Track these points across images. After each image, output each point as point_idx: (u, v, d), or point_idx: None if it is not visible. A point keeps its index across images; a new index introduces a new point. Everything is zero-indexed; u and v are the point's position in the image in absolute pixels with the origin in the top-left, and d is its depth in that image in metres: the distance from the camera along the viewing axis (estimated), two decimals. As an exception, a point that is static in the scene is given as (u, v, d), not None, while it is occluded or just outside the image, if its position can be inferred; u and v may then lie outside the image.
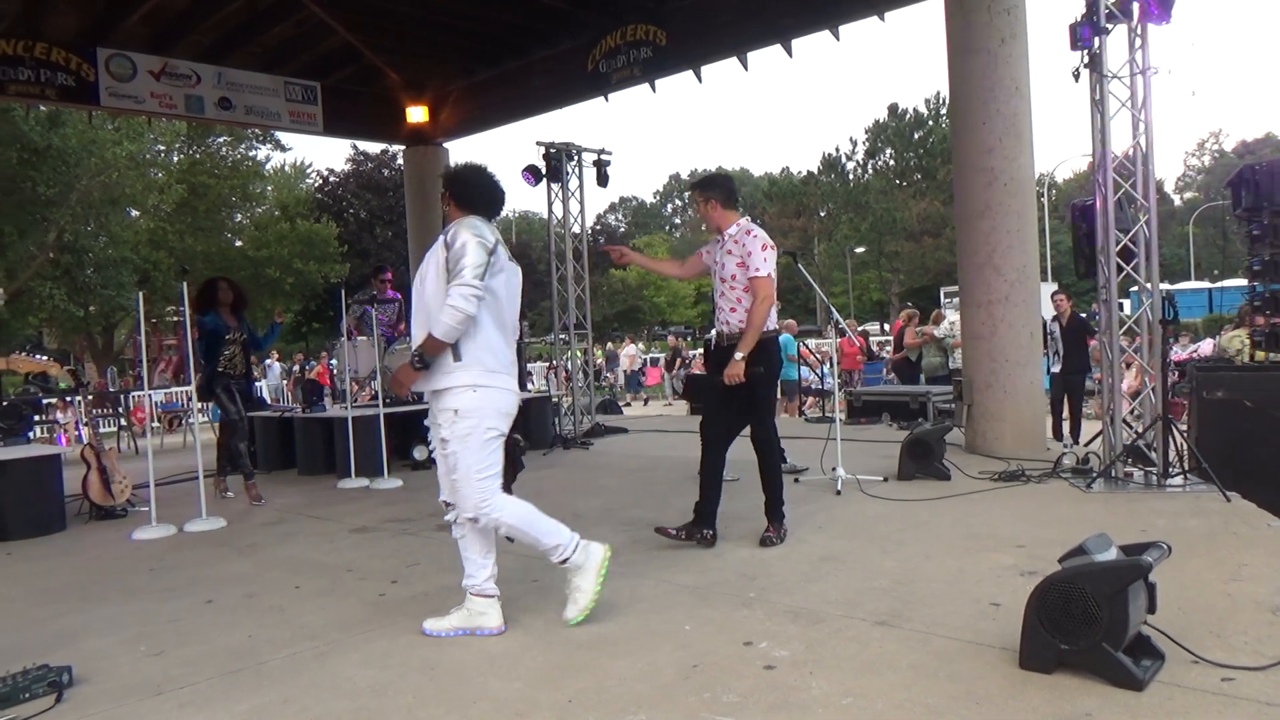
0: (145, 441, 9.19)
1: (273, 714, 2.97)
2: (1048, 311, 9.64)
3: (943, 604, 3.66)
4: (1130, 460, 6.06)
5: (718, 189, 5.02)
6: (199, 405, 10.90)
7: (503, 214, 3.94)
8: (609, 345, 28.33)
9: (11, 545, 5.97)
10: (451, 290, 3.41)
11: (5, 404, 7.36)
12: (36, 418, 10.09)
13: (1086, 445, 7.16)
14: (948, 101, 8.64)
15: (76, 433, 12.10)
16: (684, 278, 4.91)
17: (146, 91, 10.22)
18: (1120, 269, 6.07)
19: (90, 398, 12.37)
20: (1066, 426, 9.60)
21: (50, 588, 4.82)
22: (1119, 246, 6.04)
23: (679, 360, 23.68)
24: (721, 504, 5.07)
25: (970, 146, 7.49)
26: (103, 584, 4.83)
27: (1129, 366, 6.78)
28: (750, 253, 4.80)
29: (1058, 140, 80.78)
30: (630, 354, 26.18)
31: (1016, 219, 7.39)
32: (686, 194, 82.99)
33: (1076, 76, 6.17)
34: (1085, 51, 6.03)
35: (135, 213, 27.57)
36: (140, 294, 6.80)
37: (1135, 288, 6.19)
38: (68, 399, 12.29)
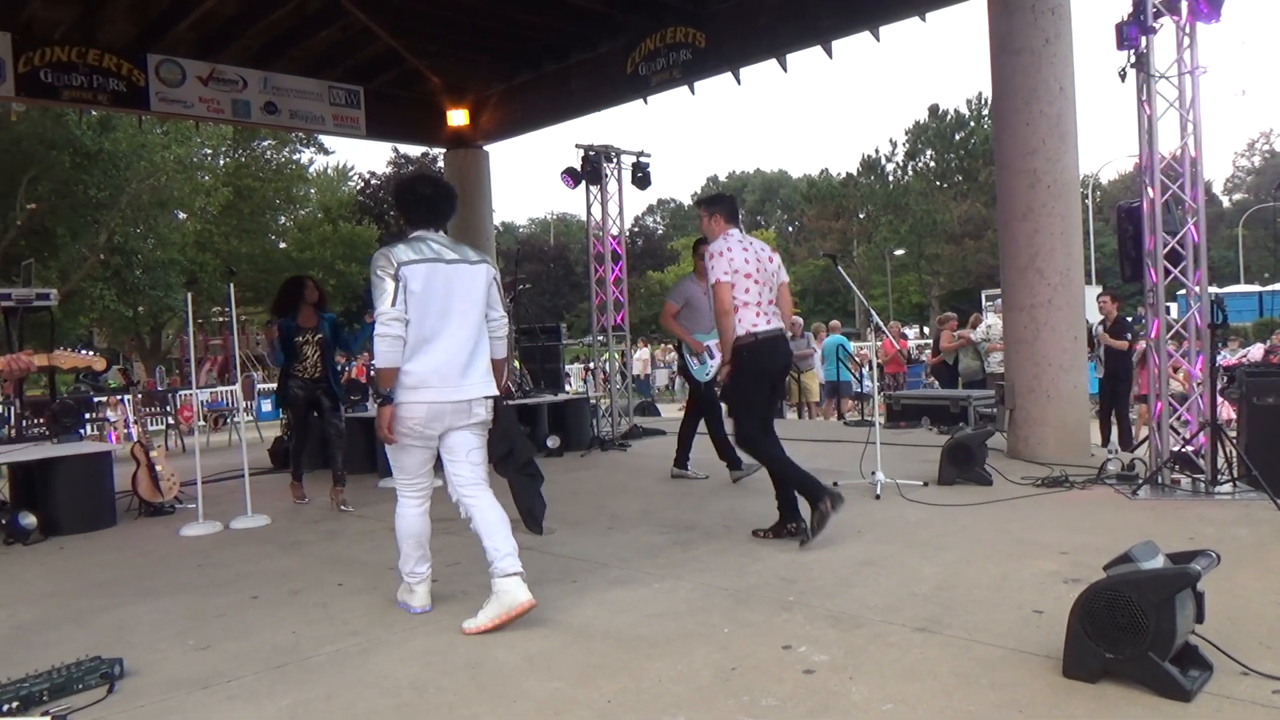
0: (192, 440, 9.37)
1: (316, 709, 3.02)
2: (1093, 315, 9.48)
3: (984, 610, 3.63)
4: (1177, 467, 5.96)
5: (722, 205, 5.25)
6: (243, 404, 11.08)
7: (541, 215, 4.07)
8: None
9: (64, 540, 6.12)
10: (374, 326, 3.71)
11: (58, 402, 7.54)
12: (88, 416, 10.34)
13: (1132, 451, 7.04)
14: (990, 102, 8.56)
15: (126, 430, 12.37)
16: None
17: (195, 96, 10.43)
18: (1168, 272, 5.97)
19: (139, 396, 12.64)
20: (1115, 433, 9.41)
21: (102, 581, 4.93)
22: (1166, 249, 5.94)
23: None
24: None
25: (1013, 148, 7.40)
26: (152, 579, 4.94)
27: (1176, 371, 6.67)
28: (706, 266, 5.12)
29: (1103, 141, 79.49)
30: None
31: (1060, 221, 7.29)
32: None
33: (1123, 76, 6.08)
34: (1132, 51, 5.94)
35: (182, 215, 28.13)
36: (189, 295, 6.93)
37: (1183, 291, 6.08)
38: (118, 397, 12.59)
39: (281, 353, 6.73)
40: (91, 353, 3.96)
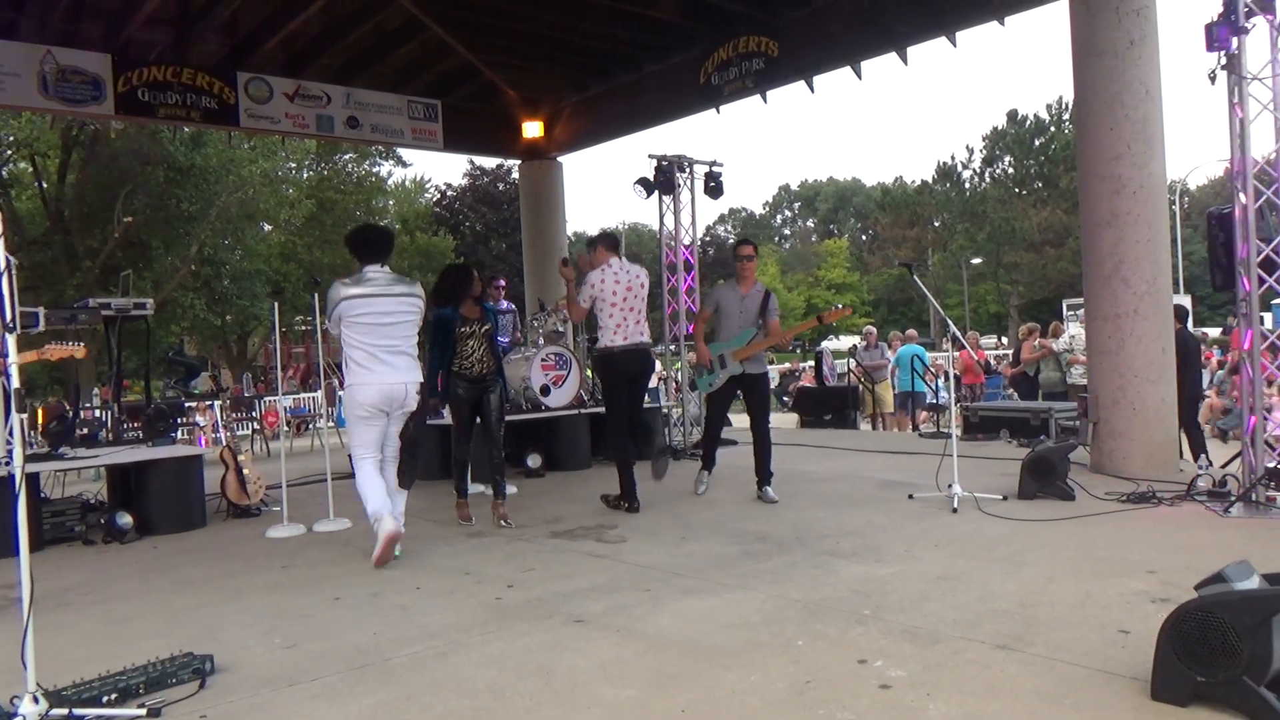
0: (278, 444, 9.66)
1: (397, 709, 3.09)
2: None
3: (1068, 629, 3.54)
4: (1273, 484, 5.71)
5: (604, 240, 6.69)
6: (325, 410, 11.39)
7: (613, 225, 4.22)
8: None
9: (158, 539, 6.37)
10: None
11: (153, 407, 7.86)
12: (179, 420, 10.74)
13: (1224, 467, 6.78)
14: (1072, 107, 8.36)
15: (215, 435, 12.81)
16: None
17: (281, 112, 10.79)
18: (1261, 281, 5.74)
19: (228, 402, 13.09)
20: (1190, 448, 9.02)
21: (193, 580, 5.13)
22: (1260, 257, 5.72)
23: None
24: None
25: (1096, 153, 7.21)
26: (240, 578, 5.12)
27: (1271, 384, 6.41)
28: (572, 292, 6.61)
29: (1191, 144, 76.72)
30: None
31: (1146, 228, 7.08)
32: (797, 205, 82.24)
33: (1213, 79, 5.88)
34: (1222, 53, 5.74)
35: (268, 227, 29.08)
36: (275, 304, 7.16)
37: (1278, 301, 5.84)
38: (207, 403, 13.06)
39: (436, 346, 6.26)
40: (73, 343, 4.15)
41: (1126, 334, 7.09)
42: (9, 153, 23.13)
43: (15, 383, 3.02)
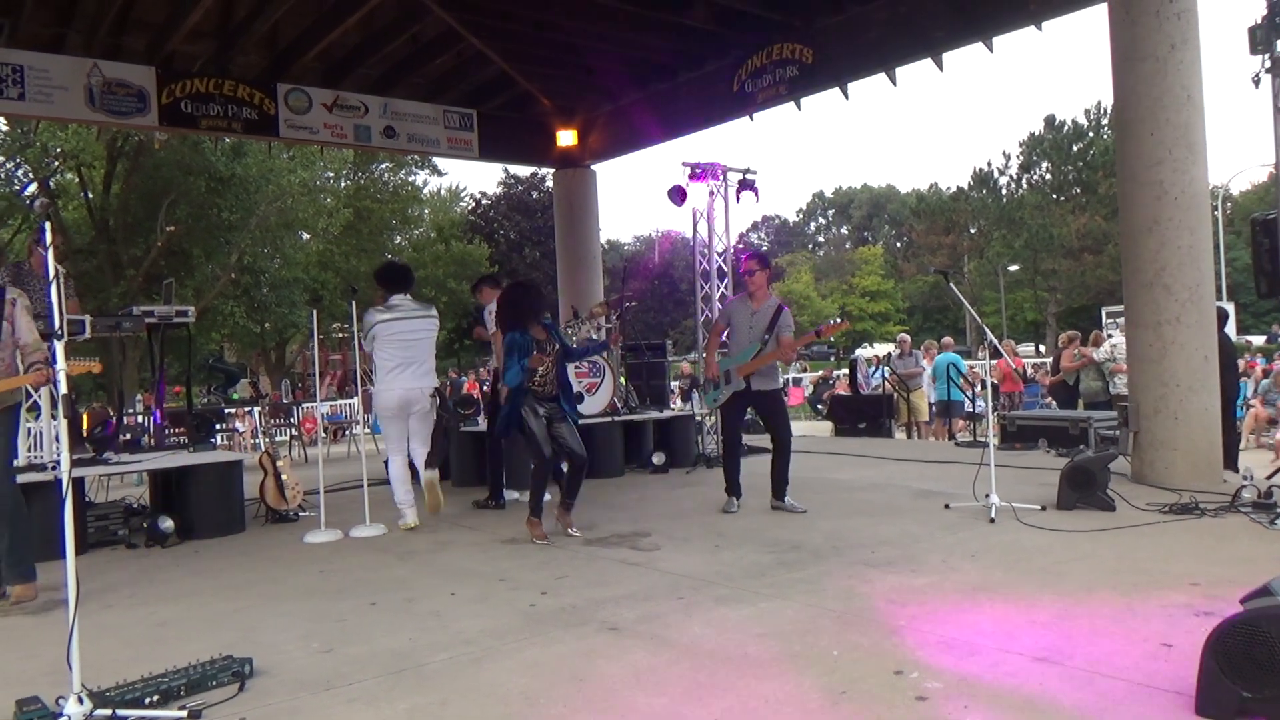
0: (316, 450, 9.77)
1: (432, 714, 3.12)
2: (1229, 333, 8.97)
3: (1108, 642, 3.48)
4: (1322, 495, 5.59)
5: (488, 280, 8.13)
6: (362, 418, 11.51)
7: (646, 233, 4.21)
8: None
9: (198, 544, 6.47)
10: None
11: (194, 414, 8.00)
12: (219, 426, 10.90)
13: (1269, 478, 6.64)
14: (1111, 112, 8.24)
15: (254, 441, 12.98)
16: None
17: (320, 123, 10.94)
18: (1310, 288, 5.63)
19: (267, 408, 13.26)
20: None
21: (233, 584, 5.20)
22: (1308, 264, 5.60)
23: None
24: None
25: (1137, 159, 7.11)
26: (278, 583, 5.19)
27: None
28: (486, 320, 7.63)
29: (1235, 150, 75.28)
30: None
31: (1189, 234, 6.96)
32: (831, 212, 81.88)
33: (1256, 82, 5.78)
34: (1266, 55, 5.64)
35: (306, 236, 29.47)
36: (314, 312, 7.29)
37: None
38: (246, 409, 13.25)
39: (518, 370, 5.94)
40: (93, 359, 4.28)
41: (1168, 342, 6.97)
42: (56, 164, 23.65)
43: (63, 389, 3.08)
